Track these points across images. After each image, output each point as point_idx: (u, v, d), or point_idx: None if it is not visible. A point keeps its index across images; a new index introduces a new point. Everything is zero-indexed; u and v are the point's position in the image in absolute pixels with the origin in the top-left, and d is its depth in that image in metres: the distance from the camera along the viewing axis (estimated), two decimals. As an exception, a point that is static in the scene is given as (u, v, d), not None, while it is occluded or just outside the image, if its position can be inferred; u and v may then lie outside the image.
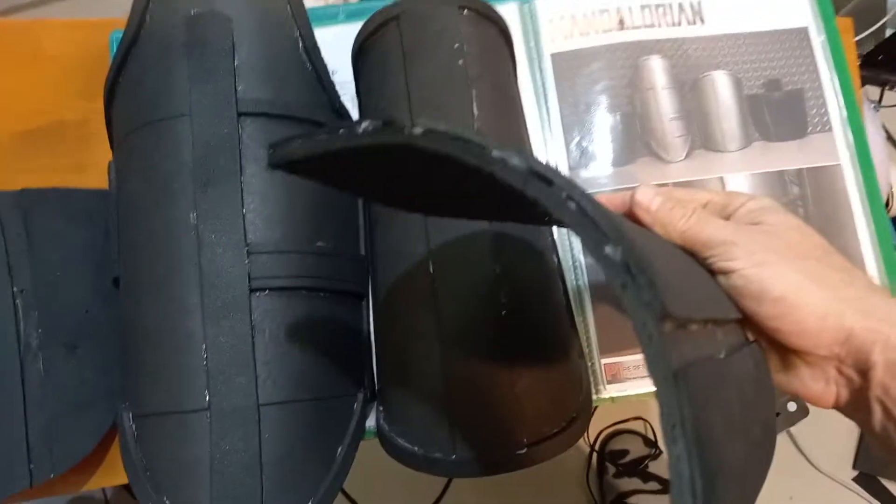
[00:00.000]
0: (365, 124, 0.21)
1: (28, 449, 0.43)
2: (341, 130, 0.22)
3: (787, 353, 0.33)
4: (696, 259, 0.33)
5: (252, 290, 0.40)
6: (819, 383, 0.33)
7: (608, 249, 0.19)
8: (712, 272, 0.32)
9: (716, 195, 0.36)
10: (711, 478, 0.18)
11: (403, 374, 0.42)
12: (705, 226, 0.32)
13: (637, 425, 1.21)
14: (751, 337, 0.33)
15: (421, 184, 0.27)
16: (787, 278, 0.30)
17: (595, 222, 0.19)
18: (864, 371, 0.30)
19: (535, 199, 0.19)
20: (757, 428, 0.28)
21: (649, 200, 0.35)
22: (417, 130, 0.20)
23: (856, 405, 0.32)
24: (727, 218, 0.34)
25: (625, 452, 1.18)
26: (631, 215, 0.36)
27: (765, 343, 0.33)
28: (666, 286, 0.20)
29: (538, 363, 0.41)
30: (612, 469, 1.18)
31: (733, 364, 0.26)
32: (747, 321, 0.32)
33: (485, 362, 0.40)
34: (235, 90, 0.42)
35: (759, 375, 0.30)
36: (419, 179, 0.26)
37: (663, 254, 0.26)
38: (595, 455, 1.20)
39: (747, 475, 0.25)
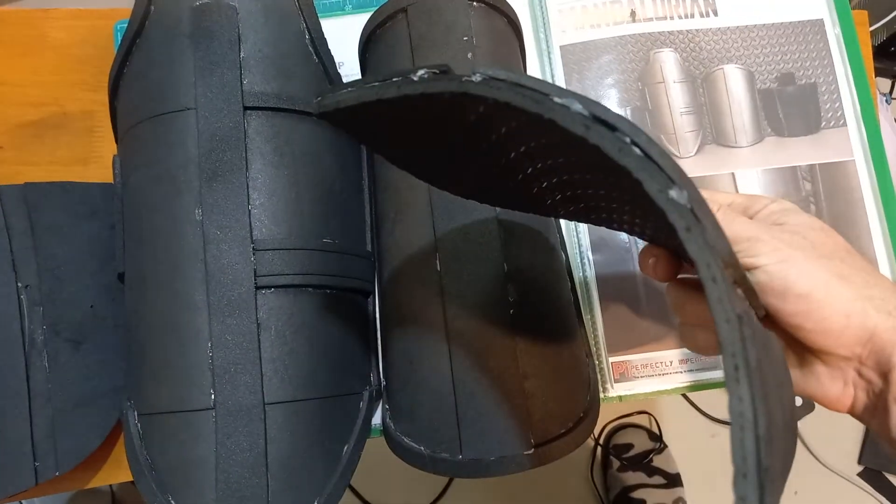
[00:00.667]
0: (421, 72, 0.21)
1: (33, 446, 0.42)
2: (396, 77, 0.22)
3: (805, 353, 0.33)
4: None
5: (258, 288, 0.39)
6: (836, 385, 0.32)
7: (673, 193, 0.18)
8: None
9: (737, 196, 0.36)
10: (769, 425, 0.18)
11: (410, 372, 0.42)
12: (730, 222, 0.32)
13: (642, 419, 1.21)
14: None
15: (463, 146, 0.26)
16: (813, 275, 0.30)
17: (660, 167, 0.18)
18: (884, 373, 0.29)
19: (598, 145, 0.19)
20: (788, 410, 0.28)
21: None
22: (476, 78, 0.20)
23: (873, 409, 0.31)
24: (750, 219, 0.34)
25: (629, 446, 1.18)
26: None
27: (784, 342, 0.33)
28: (722, 236, 0.20)
29: (546, 362, 0.41)
30: (616, 463, 1.17)
31: (770, 338, 0.25)
32: (768, 319, 0.32)
33: (492, 360, 0.39)
34: (241, 83, 0.41)
35: (783, 359, 0.30)
36: (465, 138, 0.25)
37: None
38: (600, 449, 1.20)
39: (785, 451, 0.25)
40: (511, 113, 0.20)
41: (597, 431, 1.20)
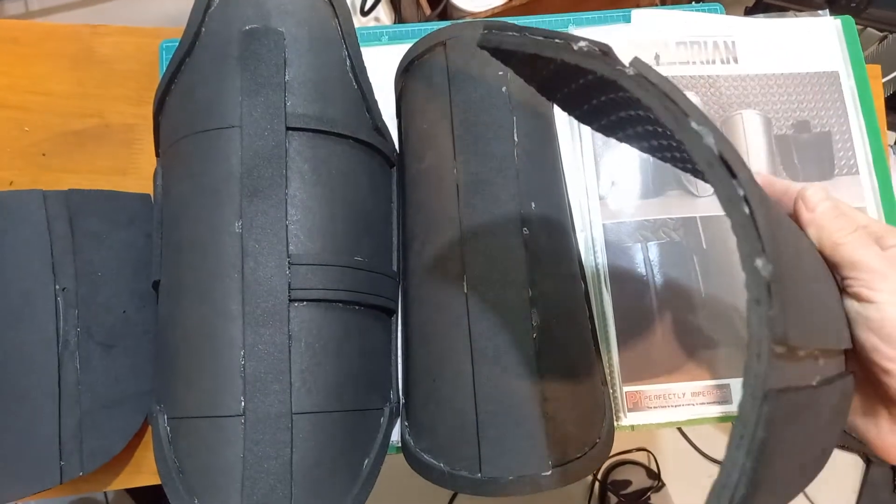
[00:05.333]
0: (582, 43, 0.22)
1: (60, 445, 0.43)
2: (558, 40, 0.22)
3: (874, 399, 0.33)
4: (831, 275, 0.32)
5: (291, 300, 0.41)
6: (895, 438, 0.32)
7: (759, 262, 0.18)
8: (844, 293, 0.32)
9: (875, 223, 0.34)
10: (755, 490, 0.18)
11: (433, 390, 0.43)
12: (861, 247, 0.31)
13: (641, 456, 1.22)
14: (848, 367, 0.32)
15: (610, 109, 0.26)
16: None
17: (759, 233, 0.18)
18: None
19: (712, 183, 0.19)
20: (816, 450, 0.28)
21: (817, 201, 0.33)
22: (630, 71, 0.20)
23: None
24: None
25: (627, 483, 1.18)
26: (791, 208, 0.35)
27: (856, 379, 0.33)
28: (796, 311, 0.20)
29: (566, 386, 0.42)
30: (614, 499, 1.17)
31: (822, 394, 0.26)
32: (854, 352, 0.32)
33: (514, 383, 0.41)
34: (285, 104, 0.43)
35: (840, 406, 0.30)
36: (611, 105, 0.25)
37: (803, 267, 0.26)
38: (598, 484, 1.20)
39: (791, 485, 0.26)
40: (646, 108, 0.21)
41: (596, 466, 1.20)
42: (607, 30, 0.58)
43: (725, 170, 0.19)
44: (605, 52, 0.22)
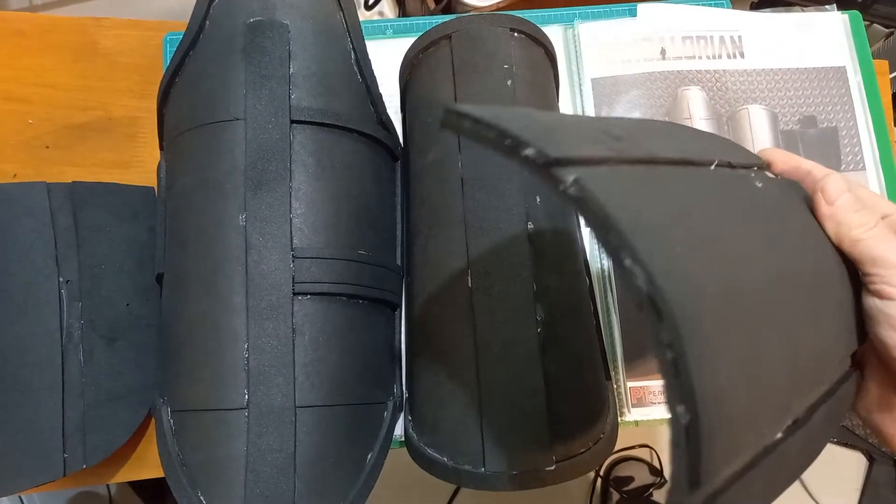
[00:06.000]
0: (530, 152, 0.22)
1: (63, 438, 0.43)
2: (508, 141, 0.22)
3: (892, 392, 0.32)
4: (846, 272, 0.32)
5: (295, 294, 0.40)
6: None
7: (679, 409, 0.18)
8: (864, 289, 0.31)
9: None
10: None
11: (437, 385, 0.43)
12: (882, 243, 0.30)
13: (643, 453, 1.21)
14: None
15: None
16: None
17: (680, 381, 0.18)
18: None
19: (644, 321, 0.19)
20: (788, 473, 0.28)
21: (837, 194, 0.32)
22: (572, 191, 0.20)
23: None
24: None
25: (630, 479, 1.18)
26: (812, 190, 0.34)
27: (870, 373, 0.33)
28: (732, 435, 0.20)
29: (570, 381, 0.42)
30: (616, 495, 1.18)
31: (788, 444, 0.25)
32: (871, 347, 0.31)
33: (519, 377, 0.40)
34: (289, 97, 0.43)
35: (826, 423, 0.29)
36: None
37: (784, 325, 0.25)
38: (600, 480, 1.20)
39: None
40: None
41: (598, 462, 1.20)
42: (612, 24, 0.58)
43: (654, 312, 0.19)
44: (549, 163, 0.21)
